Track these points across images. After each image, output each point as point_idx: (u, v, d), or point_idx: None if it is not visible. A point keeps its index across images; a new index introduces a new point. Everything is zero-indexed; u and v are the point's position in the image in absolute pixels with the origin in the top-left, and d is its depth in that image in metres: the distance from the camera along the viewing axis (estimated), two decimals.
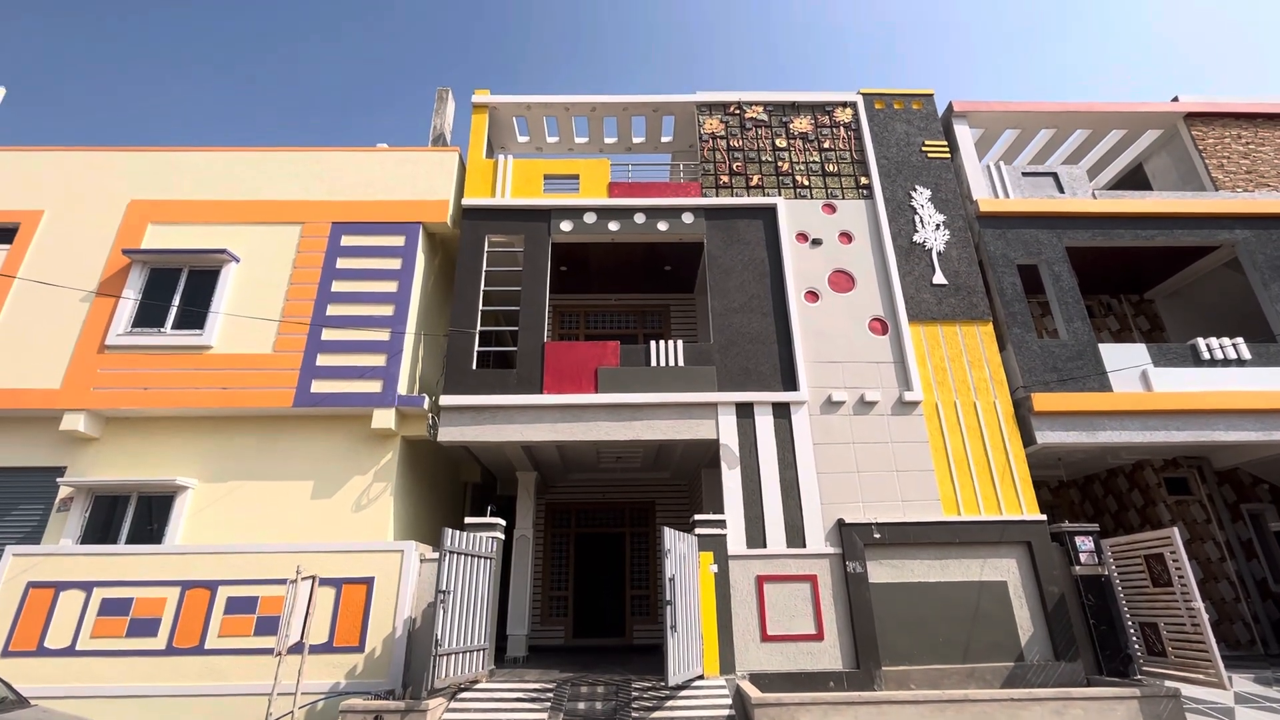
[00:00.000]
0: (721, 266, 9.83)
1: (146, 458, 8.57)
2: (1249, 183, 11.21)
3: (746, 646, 7.57)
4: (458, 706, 6.57)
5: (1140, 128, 12.07)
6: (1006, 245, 10.15)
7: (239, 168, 10.20)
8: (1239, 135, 11.68)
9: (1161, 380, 9.20)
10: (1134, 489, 11.06)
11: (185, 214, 9.78)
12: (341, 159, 10.37)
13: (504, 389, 8.90)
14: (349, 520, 8.31)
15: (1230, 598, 9.96)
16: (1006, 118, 11.64)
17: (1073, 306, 9.76)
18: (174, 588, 7.20)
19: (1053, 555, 8.10)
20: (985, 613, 7.84)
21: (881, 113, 11.12)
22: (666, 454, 10.73)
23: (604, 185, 10.40)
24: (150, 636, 6.98)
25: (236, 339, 8.95)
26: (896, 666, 7.55)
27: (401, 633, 7.10)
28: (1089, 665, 7.62)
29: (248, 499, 8.40)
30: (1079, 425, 8.90)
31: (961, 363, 9.25)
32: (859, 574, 7.91)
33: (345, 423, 8.82)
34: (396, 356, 8.91)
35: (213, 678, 6.79)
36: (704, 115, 11.03)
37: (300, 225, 9.77)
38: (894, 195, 10.39)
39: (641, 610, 11.59)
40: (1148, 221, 10.46)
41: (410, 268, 9.51)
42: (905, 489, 8.47)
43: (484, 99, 11.21)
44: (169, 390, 8.55)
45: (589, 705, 6.66)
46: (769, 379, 9.07)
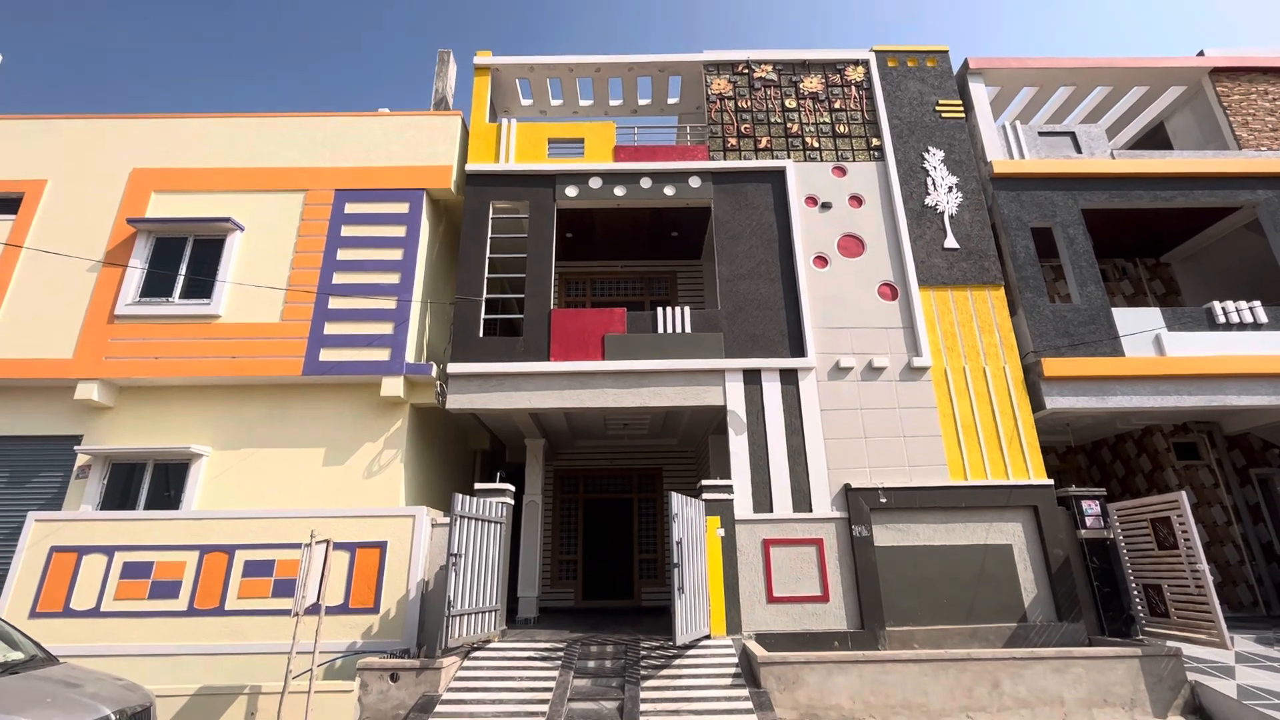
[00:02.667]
0: (729, 231, 9.70)
1: (161, 426, 8.69)
2: (1274, 141, 10.87)
3: (753, 608, 7.71)
4: (471, 664, 6.76)
5: (1163, 84, 11.67)
6: (1020, 208, 9.95)
7: (240, 134, 10.08)
8: (1266, 91, 11.28)
9: (1175, 344, 9.09)
10: (1142, 454, 11.04)
11: (188, 182, 9.71)
12: (343, 124, 10.22)
13: (511, 357, 8.92)
14: (361, 486, 8.45)
15: (1235, 560, 10.01)
16: (1024, 75, 11.28)
17: (1087, 270, 9.59)
18: (193, 552, 7.38)
19: (1059, 519, 8.14)
20: (990, 575, 7.93)
21: (894, 71, 10.79)
22: (674, 421, 10.78)
23: (609, 149, 10.22)
24: (172, 598, 7.18)
25: (244, 308, 8.98)
26: (901, 627, 7.69)
27: (415, 595, 7.27)
28: (1091, 626, 7.72)
29: (261, 466, 8.53)
30: (1089, 390, 8.84)
31: (971, 328, 9.16)
32: (864, 538, 7.99)
33: (354, 391, 8.89)
34: (403, 325, 8.91)
35: (233, 637, 7.01)
36: (711, 75, 10.75)
37: (304, 193, 9.69)
38: (906, 157, 10.16)
39: (649, 573, 11.80)
40: (1167, 182, 10.20)
41: (415, 235, 9.44)
42: (912, 454, 8.49)
43: (486, 60, 10.96)
44: (179, 360, 8.62)
45: (599, 664, 6.83)
46: (777, 345, 9.03)
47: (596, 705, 6.03)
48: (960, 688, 6.29)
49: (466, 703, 6.05)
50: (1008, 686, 6.30)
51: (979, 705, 6.24)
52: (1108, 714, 6.21)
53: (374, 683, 6.22)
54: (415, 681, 6.22)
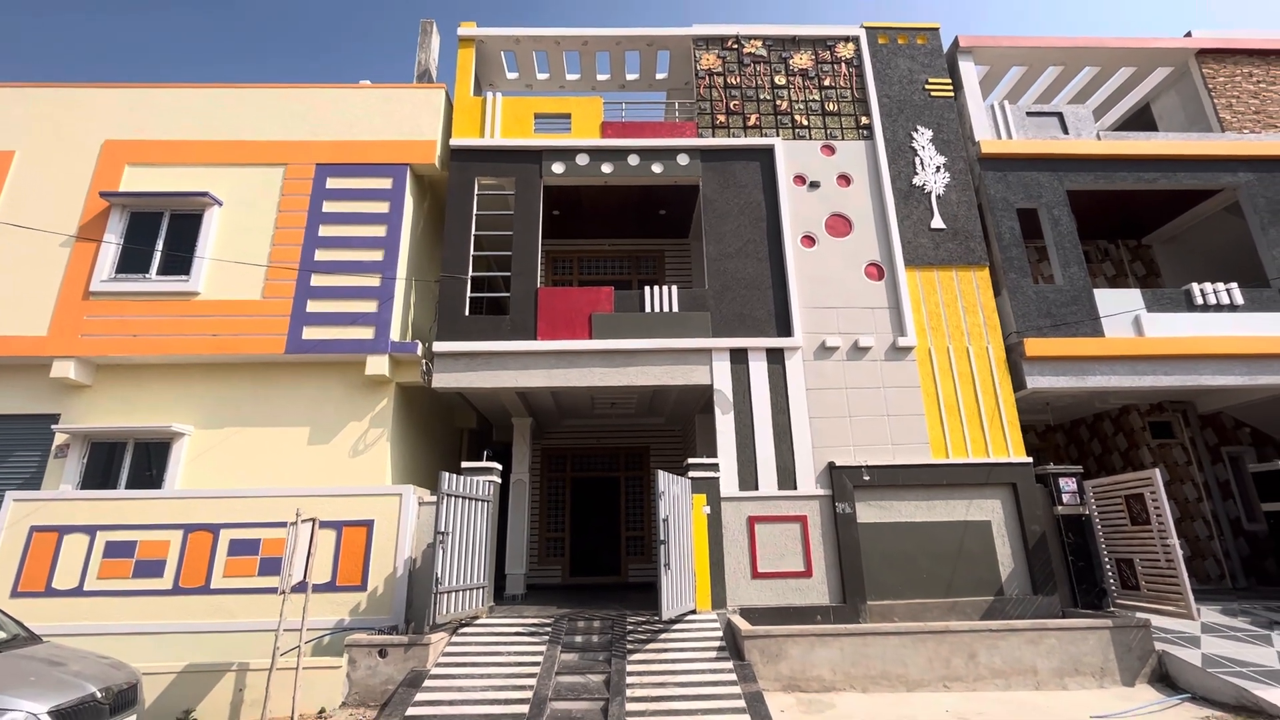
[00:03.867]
0: (717, 210, 9.65)
1: (141, 404, 8.56)
2: (1257, 124, 10.96)
3: (737, 583, 7.84)
4: (459, 640, 6.83)
5: (1150, 65, 11.68)
6: (1007, 188, 9.98)
7: (217, 106, 9.79)
8: (1250, 73, 11.34)
9: (1154, 325, 9.24)
10: (1119, 433, 11.28)
11: (163, 155, 9.45)
12: (324, 97, 9.96)
13: (497, 335, 8.86)
14: (346, 465, 8.41)
15: (1204, 535, 10.32)
16: (1013, 54, 11.23)
17: (1070, 252, 9.68)
18: (176, 531, 7.34)
19: (1036, 496, 8.32)
20: (969, 550, 8.11)
21: (885, 48, 10.70)
22: (661, 399, 10.82)
23: (596, 125, 10.07)
24: (156, 577, 7.15)
25: (224, 285, 8.81)
26: (881, 601, 7.86)
27: (402, 572, 7.30)
28: (1065, 599, 7.95)
29: (245, 445, 8.46)
30: (1070, 370, 8.98)
31: (956, 308, 9.24)
32: (848, 514, 8.12)
33: (339, 369, 8.80)
34: (388, 302, 8.81)
35: (220, 615, 7.01)
36: (700, 50, 10.59)
37: (284, 167, 9.47)
38: (894, 136, 10.12)
39: (636, 550, 11.93)
40: (1151, 164, 10.27)
41: (399, 211, 9.29)
42: (895, 433, 8.61)
43: (470, 32, 10.70)
44: (158, 337, 8.47)
45: (586, 638, 6.93)
46: (764, 324, 9.05)
47: (583, 678, 6.13)
48: (938, 659, 6.47)
49: (455, 677, 6.13)
50: (984, 657, 6.49)
51: (956, 675, 6.43)
52: (1079, 683, 6.43)
53: (362, 659, 6.27)
54: (403, 657, 6.28)
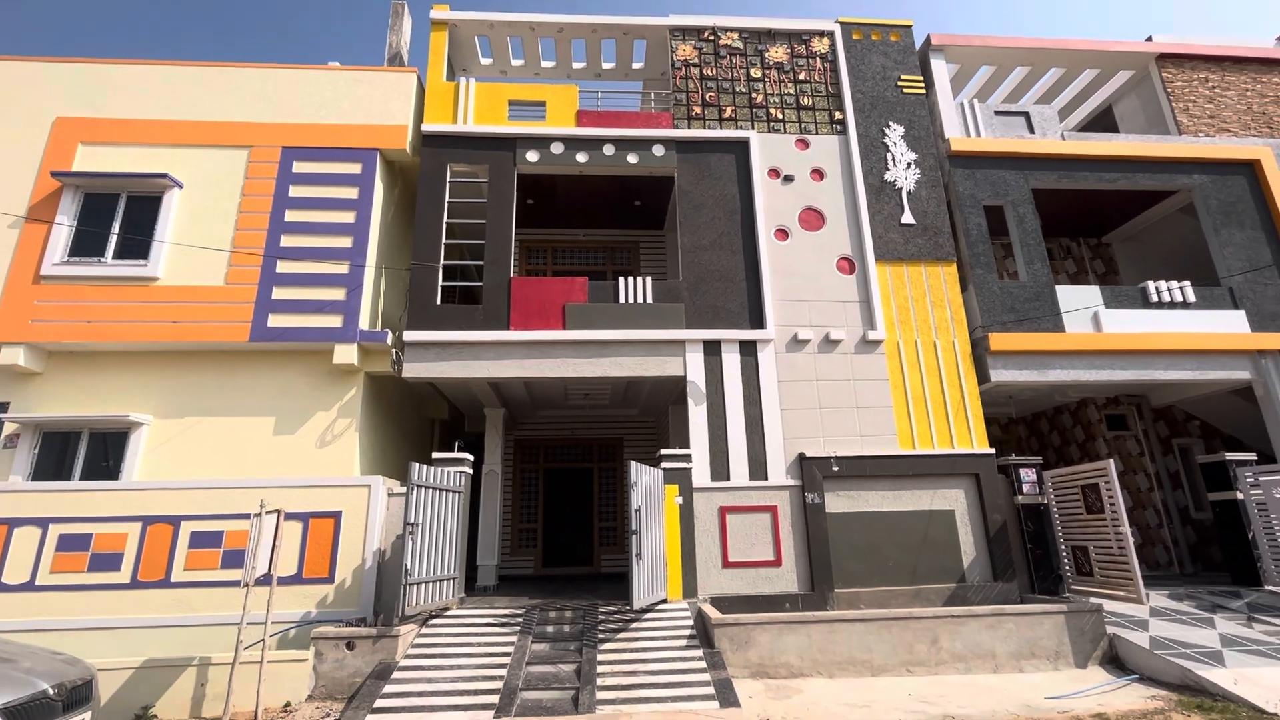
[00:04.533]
0: (692, 202, 9.66)
1: (96, 393, 8.27)
2: (1211, 127, 11.36)
3: (708, 572, 7.93)
4: (429, 632, 6.78)
5: (1113, 67, 12.01)
6: (975, 186, 10.19)
7: (178, 84, 9.44)
8: (1206, 79, 11.74)
9: (1111, 321, 9.55)
10: (1077, 425, 11.66)
11: (120, 134, 9.09)
12: (291, 78, 9.68)
13: (470, 325, 8.77)
14: (313, 456, 8.25)
15: (1155, 524, 10.76)
16: (983, 53, 11.44)
17: (1034, 249, 9.94)
18: (134, 523, 7.12)
19: (998, 486, 8.56)
20: (933, 539, 8.33)
21: (859, 44, 10.80)
22: (635, 391, 10.83)
23: (572, 113, 9.98)
24: (113, 571, 6.94)
25: (185, 270, 8.54)
26: (848, 589, 8.03)
27: (371, 564, 7.21)
28: (1023, 585, 8.22)
29: (207, 435, 8.24)
30: (1031, 364, 9.24)
31: (924, 302, 9.42)
32: (817, 504, 8.25)
33: (306, 358, 8.62)
34: (357, 290, 8.64)
35: (181, 609, 6.84)
36: (677, 40, 10.55)
37: (248, 149, 9.19)
38: (867, 132, 10.24)
39: (609, 541, 11.97)
40: (1112, 164, 10.58)
41: (368, 197, 9.09)
42: (864, 424, 8.76)
43: (443, 15, 10.48)
44: (114, 324, 8.17)
45: (557, 628, 6.94)
46: (737, 317, 9.11)
47: (554, 668, 6.14)
48: (902, 644, 6.64)
49: (424, 669, 6.09)
50: (945, 642, 6.68)
51: (919, 660, 6.60)
52: (1035, 665, 6.67)
53: (329, 651, 6.18)
54: (372, 649, 6.21)
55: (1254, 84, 11.77)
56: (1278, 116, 11.55)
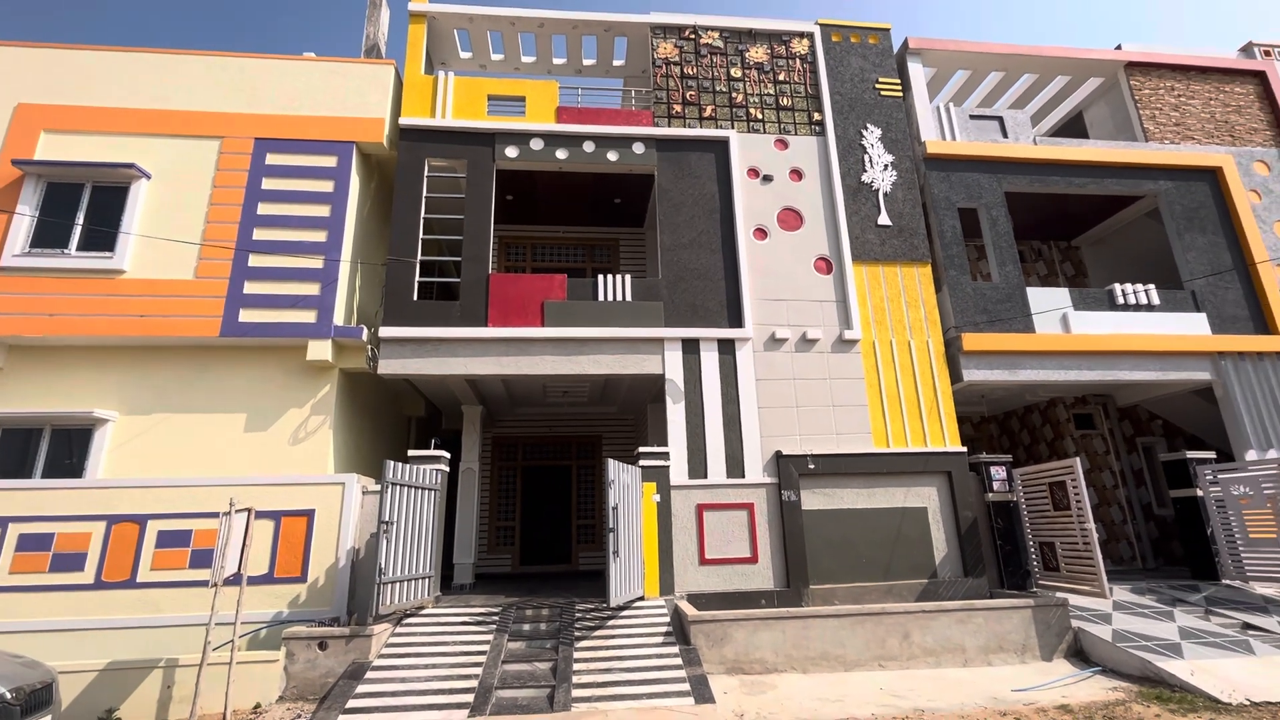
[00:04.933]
0: (672, 200, 9.68)
1: (59, 388, 8.04)
2: (1176, 134, 11.68)
3: (685, 569, 7.97)
4: (403, 631, 6.72)
5: (1084, 74, 12.29)
6: (949, 188, 10.36)
7: (147, 72, 9.20)
8: (1172, 87, 12.06)
9: (1079, 323, 9.79)
10: (1046, 424, 11.93)
11: (85, 122, 8.83)
12: (265, 68, 9.48)
13: (447, 321, 8.69)
14: (286, 453, 8.12)
15: (1119, 520, 11.05)
16: (959, 58, 11.62)
17: (1006, 251, 10.14)
18: (99, 522, 6.94)
19: (969, 483, 8.73)
20: (906, 535, 8.46)
21: (838, 46, 10.90)
22: (613, 388, 10.83)
23: (552, 110, 9.93)
24: (76, 571, 6.76)
25: (153, 263, 8.33)
26: (823, 585, 8.13)
27: (345, 563, 7.12)
28: (993, 580, 8.40)
29: (175, 432, 8.05)
30: (1003, 364, 9.44)
31: (900, 303, 9.56)
32: (793, 502, 8.34)
33: (279, 354, 8.46)
34: (331, 285, 8.51)
35: (147, 610, 6.69)
36: (658, 39, 10.55)
37: (219, 140, 8.99)
38: (845, 133, 10.35)
39: (587, 538, 11.97)
40: (1082, 169, 10.83)
41: (344, 191, 8.95)
42: (840, 423, 8.87)
43: (422, 7, 10.35)
44: (78, 317, 7.95)
45: (534, 626, 6.93)
46: (715, 315, 9.16)
47: (530, 666, 6.13)
48: (875, 640, 6.75)
49: (398, 668, 6.03)
50: (917, 637, 6.80)
51: (891, 655, 6.71)
52: (1003, 659, 6.82)
53: (301, 652, 6.10)
54: (345, 649, 6.14)
55: (1217, 93, 12.13)
56: (1239, 125, 11.92)
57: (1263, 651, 6.43)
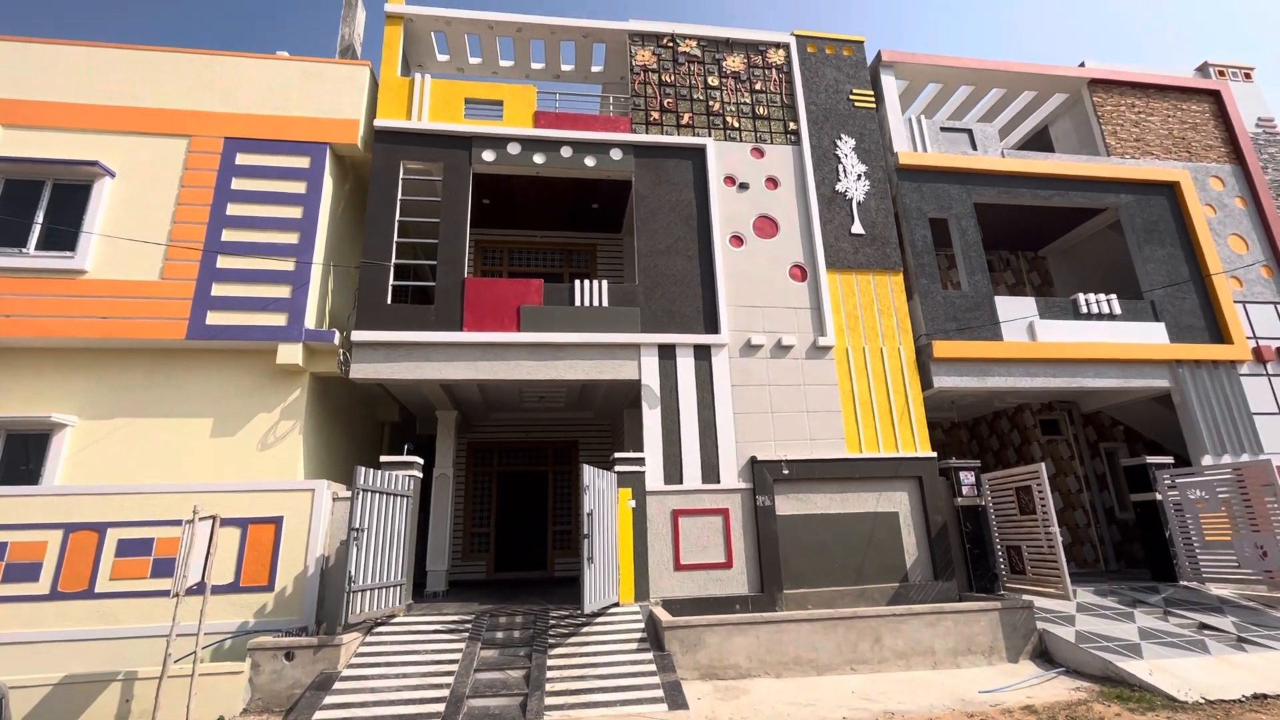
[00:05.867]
0: (649, 207, 9.72)
1: (14, 392, 7.77)
2: (1137, 150, 12.08)
3: (660, 575, 7.97)
4: (374, 640, 6.61)
5: (1050, 90, 12.66)
6: (921, 198, 10.57)
7: (111, 67, 8.97)
8: (1133, 104, 12.48)
9: (1045, 331, 10.05)
10: (1014, 430, 12.21)
11: (46, 117, 8.58)
12: (236, 66, 9.32)
13: (421, 325, 8.60)
14: (254, 459, 7.95)
15: (1083, 523, 11.35)
16: (930, 71, 11.89)
17: (975, 260, 10.37)
18: (55, 530, 6.71)
19: (939, 488, 8.89)
20: (878, 540, 8.58)
21: (813, 57, 11.07)
22: (590, 394, 10.81)
23: (529, 114, 9.92)
24: (30, 581, 6.52)
25: (116, 264, 8.11)
26: (797, 589, 8.19)
27: (314, 571, 6.99)
28: (962, 584, 8.55)
29: (138, 437, 7.83)
30: (972, 371, 9.64)
31: (872, 310, 9.71)
32: (767, 507, 8.40)
33: (247, 357, 8.29)
34: (303, 288, 8.37)
35: (105, 621, 6.47)
36: (636, 46, 10.61)
37: (188, 139, 8.80)
38: (820, 143, 10.51)
39: (563, 544, 11.90)
40: (1047, 182, 11.14)
41: (317, 192, 8.83)
42: (814, 428, 8.97)
43: (398, 9, 10.27)
44: (36, 319, 7.70)
45: (507, 634, 6.87)
46: (692, 321, 9.21)
47: (503, 674, 6.08)
48: (847, 643, 6.82)
49: (368, 678, 5.93)
50: (888, 640, 6.89)
51: (862, 658, 6.79)
52: (971, 661, 6.94)
53: (266, 663, 5.96)
54: (312, 659, 6.02)
55: (1175, 110, 12.58)
56: (1195, 142, 12.37)
57: (1217, 651, 6.64)
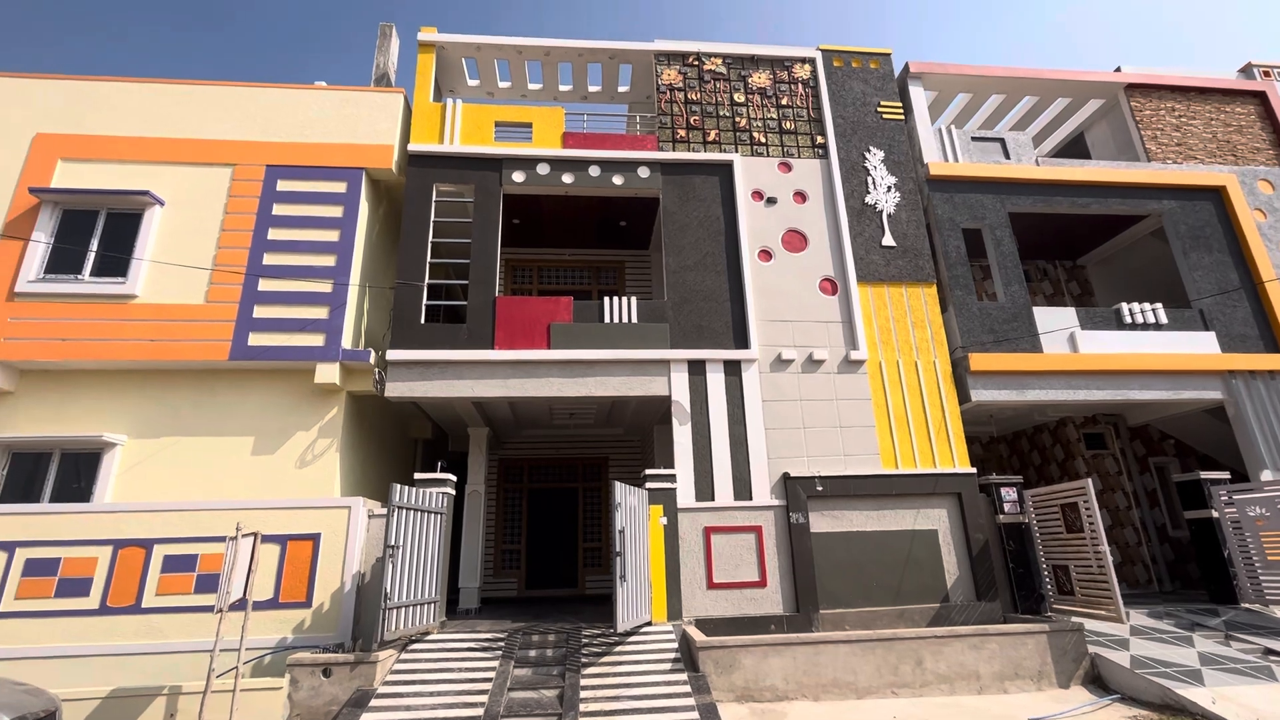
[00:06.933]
0: (677, 223, 9.76)
1: (69, 412, 8.10)
2: (1179, 155, 11.73)
3: (693, 594, 7.87)
4: (409, 657, 6.65)
5: (1084, 96, 12.40)
6: (953, 209, 10.41)
7: (163, 102, 9.41)
8: (1173, 108, 12.15)
9: (1088, 342, 9.74)
10: (1056, 444, 11.82)
11: (101, 151, 9.02)
12: (277, 97, 9.69)
13: (454, 344, 8.73)
14: (293, 477, 8.12)
15: (1134, 542, 10.88)
16: (959, 81, 11.76)
17: (1011, 271, 10.14)
18: (105, 547, 6.93)
19: (980, 505, 8.63)
20: (916, 558, 8.35)
21: (840, 71, 11.06)
22: (619, 410, 10.81)
23: (558, 135, 10.08)
24: (82, 596, 6.73)
25: (164, 288, 8.44)
26: (833, 610, 8.00)
27: (350, 588, 7.07)
28: (1006, 604, 8.25)
29: (183, 455, 8.08)
30: (1010, 384, 9.38)
31: (905, 323, 9.55)
32: (801, 524, 8.26)
33: (286, 377, 8.52)
34: (340, 309, 8.59)
35: (151, 636, 6.64)
36: (662, 65, 10.73)
37: (232, 167, 9.16)
38: (848, 155, 10.45)
39: (594, 562, 11.85)
40: (1085, 189, 10.87)
41: (353, 216, 9.08)
42: (848, 444, 8.81)
43: (431, 37, 10.59)
44: (90, 342, 8.03)
45: (540, 652, 6.84)
46: (721, 336, 9.17)
47: (537, 694, 6.04)
48: (887, 666, 6.62)
49: (403, 695, 5.95)
50: (930, 663, 6.67)
51: (904, 682, 6.58)
52: (1019, 686, 6.67)
53: (305, 679, 6.03)
54: (349, 676, 6.07)
55: (1218, 113, 12.20)
56: (1242, 145, 11.97)
57: None
